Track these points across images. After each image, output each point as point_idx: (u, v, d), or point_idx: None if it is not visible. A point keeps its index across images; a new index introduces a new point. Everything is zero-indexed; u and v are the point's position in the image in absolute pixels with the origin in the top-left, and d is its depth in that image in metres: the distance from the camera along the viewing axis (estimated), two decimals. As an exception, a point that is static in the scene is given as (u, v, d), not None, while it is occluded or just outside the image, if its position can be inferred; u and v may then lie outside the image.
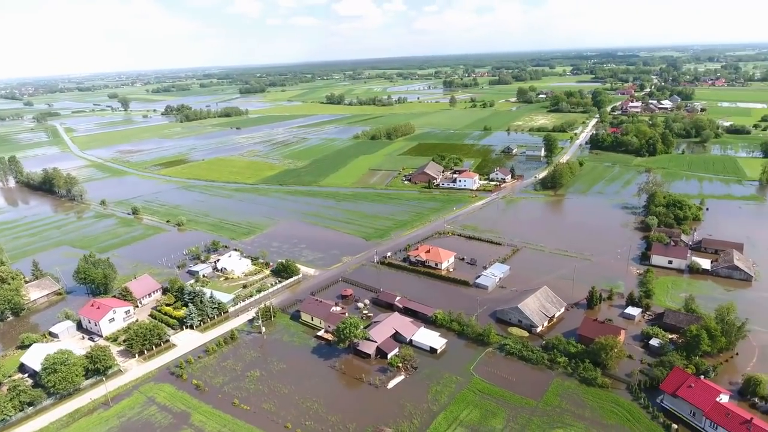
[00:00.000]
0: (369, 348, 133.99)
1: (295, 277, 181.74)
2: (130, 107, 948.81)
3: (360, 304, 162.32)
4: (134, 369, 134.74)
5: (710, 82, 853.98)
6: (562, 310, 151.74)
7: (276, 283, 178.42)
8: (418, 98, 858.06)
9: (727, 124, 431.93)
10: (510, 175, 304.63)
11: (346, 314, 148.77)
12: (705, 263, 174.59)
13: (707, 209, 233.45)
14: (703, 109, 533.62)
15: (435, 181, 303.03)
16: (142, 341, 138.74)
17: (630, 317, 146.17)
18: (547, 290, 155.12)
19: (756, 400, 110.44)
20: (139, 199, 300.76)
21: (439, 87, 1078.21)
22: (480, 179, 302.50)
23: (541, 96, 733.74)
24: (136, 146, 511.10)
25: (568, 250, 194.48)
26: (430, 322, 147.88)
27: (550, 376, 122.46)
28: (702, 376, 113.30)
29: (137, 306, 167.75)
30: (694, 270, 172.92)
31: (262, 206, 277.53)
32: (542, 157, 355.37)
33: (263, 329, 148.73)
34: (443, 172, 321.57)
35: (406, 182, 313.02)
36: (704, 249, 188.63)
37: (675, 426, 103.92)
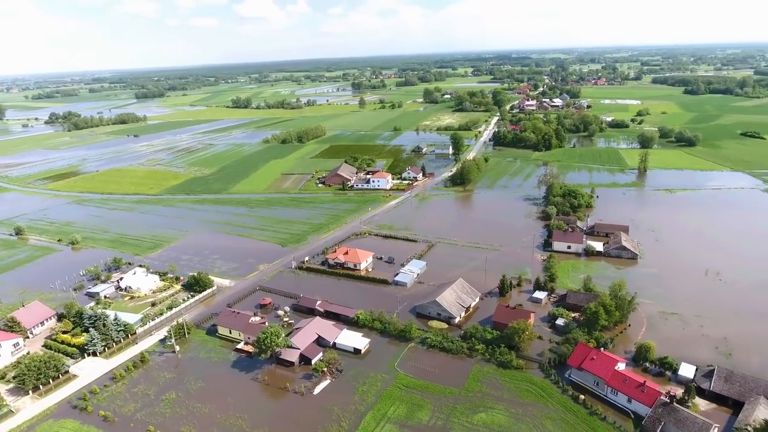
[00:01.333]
0: (292, 356, 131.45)
1: (209, 290, 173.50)
2: (6, 116, 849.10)
3: (280, 312, 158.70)
4: (28, 408, 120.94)
5: (593, 81, 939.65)
6: (477, 299, 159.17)
7: (188, 297, 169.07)
8: (328, 100, 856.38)
9: (609, 119, 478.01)
10: (421, 174, 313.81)
11: (266, 323, 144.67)
12: (598, 246, 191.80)
13: (597, 197, 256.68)
14: (589, 106, 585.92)
15: (349, 182, 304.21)
16: (36, 375, 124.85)
17: (538, 301, 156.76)
18: (462, 282, 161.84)
19: (647, 364, 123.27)
20: (23, 218, 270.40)
21: (348, 89, 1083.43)
22: (393, 179, 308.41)
23: (446, 96, 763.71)
24: (17, 159, 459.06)
25: (479, 242, 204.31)
26: (353, 324, 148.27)
27: (470, 363, 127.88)
28: (602, 348, 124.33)
29: (27, 337, 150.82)
30: (589, 253, 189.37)
31: (168, 218, 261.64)
32: (450, 155, 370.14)
33: (177, 348, 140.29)
34: (357, 173, 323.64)
35: (320, 185, 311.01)
36: (597, 233, 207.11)
37: (582, 396, 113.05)
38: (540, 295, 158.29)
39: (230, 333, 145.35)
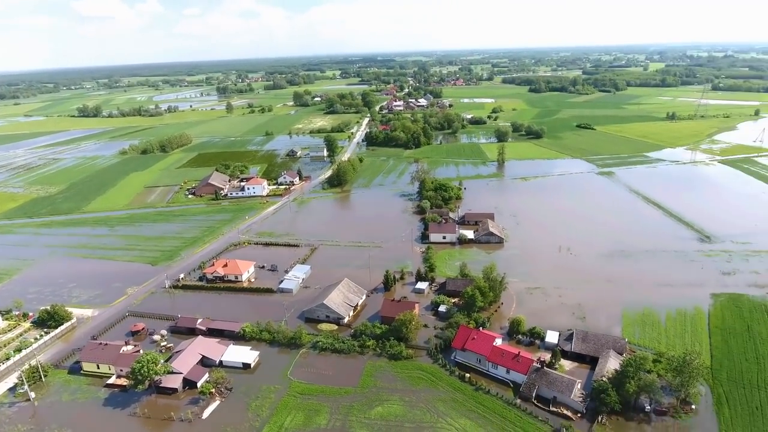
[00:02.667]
0: (174, 382, 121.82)
1: (68, 324, 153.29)
2: None
3: (156, 337, 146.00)
4: None
5: (452, 82, 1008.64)
6: (364, 297, 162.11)
7: (42, 335, 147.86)
8: (192, 106, 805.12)
9: (469, 116, 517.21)
10: (298, 178, 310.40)
11: (141, 351, 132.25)
12: (470, 234, 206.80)
13: (465, 188, 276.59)
14: (450, 105, 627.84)
15: (222, 191, 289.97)
16: None
17: (420, 291, 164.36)
18: (348, 282, 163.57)
19: (520, 336, 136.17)
20: None
21: (213, 94, 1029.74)
22: (269, 184, 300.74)
23: (316, 99, 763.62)
24: None
25: (361, 241, 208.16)
26: (240, 338, 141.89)
27: (362, 360, 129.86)
28: (481, 328, 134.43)
29: None
30: (462, 241, 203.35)
31: (6, 247, 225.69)
32: (325, 157, 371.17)
33: (32, 395, 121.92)
34: (230, 181, 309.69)
35: (190, 196, 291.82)
36: (467, 222, 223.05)
37: (467, 375, 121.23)
38: (422, 285, 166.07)
39: (98, 368, 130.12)
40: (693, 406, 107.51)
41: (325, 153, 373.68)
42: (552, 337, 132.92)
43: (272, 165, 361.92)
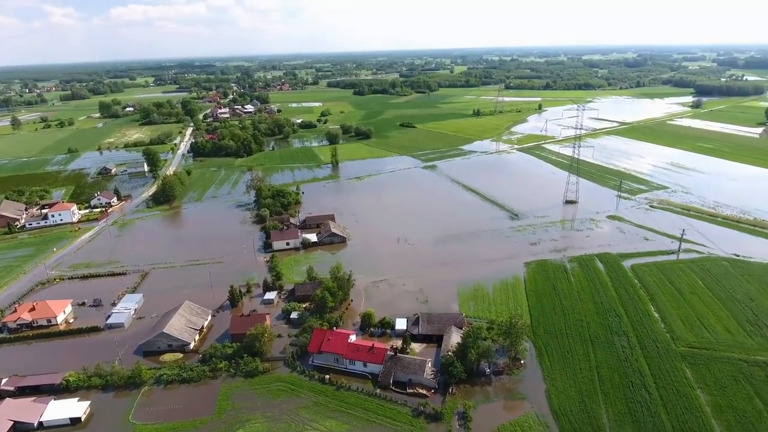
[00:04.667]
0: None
1: None
2: None
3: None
4: None
5: (278, 87, 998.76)
6: (210, 317, 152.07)
7: None
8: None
9: (299, 121, 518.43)
10: (115, 198, 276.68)
11: None
12: (313, 237, 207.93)
13: (303, 192, 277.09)
14: (279, 110, 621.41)
15: (17, 222, 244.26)
16: None
17: (270, 302, 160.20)
18: (189, 304, 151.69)
19: (372, 329, 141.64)
20: None
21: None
22: (79, 209, 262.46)
23: (128, 109, 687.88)
24: None
25: (199, 258, 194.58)
26: (63, 390, 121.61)
27: (215, 385, 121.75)
28: (334, 327, 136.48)
29: None
30: (306, 245, 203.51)
31: None
32: (147, 172, 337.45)
33: None
34: (26, 210, 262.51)
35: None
36: (309, 225, 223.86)
37: (327, 376, 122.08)
38: (271, 295, 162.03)
39: None
40: (522, 361, 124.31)
41: (146, 168, 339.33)
42: (401, 324, 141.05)
43: (81, 186, 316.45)
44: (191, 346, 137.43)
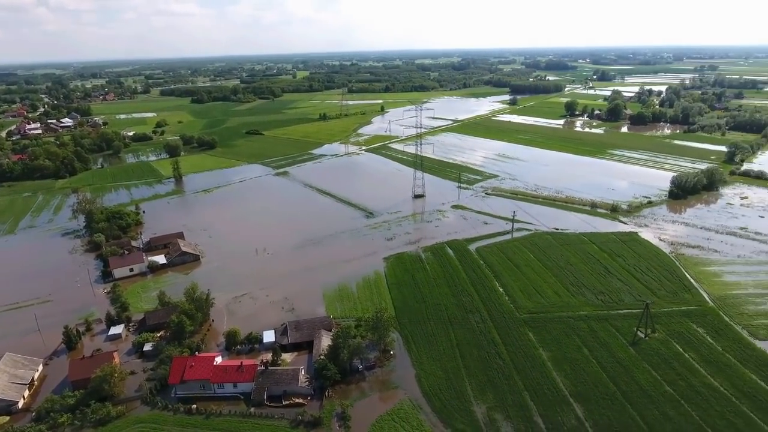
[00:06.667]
0: None
1: None
2: None
3: None
4: None
5: (102, 97, 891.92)
6: (41, 367, 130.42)
7: None
8: None
9: (131, 133, 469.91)
10: None
11: None
12: (161, 259, 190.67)
13: (144, 212, 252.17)
14: (105, 123, 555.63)
15: None
16: None
17: (117, 337, 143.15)
18: (11, 356, 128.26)
19: (238, 347, 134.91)
20: None
21: None
22: None
23: None
24: None
25: (19, 300, 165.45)
26: None
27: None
28: (197, 352, 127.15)
29: None
30: (154, 268, 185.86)
31: None
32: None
33: None
34: None
35: None
36: (155, 247, 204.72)
37: (194, 405, 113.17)
38: (117, 329, 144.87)
39: None
40: (392, 352, 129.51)
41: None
42: (269, 336, 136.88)
43: None
44: (20, 404, 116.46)
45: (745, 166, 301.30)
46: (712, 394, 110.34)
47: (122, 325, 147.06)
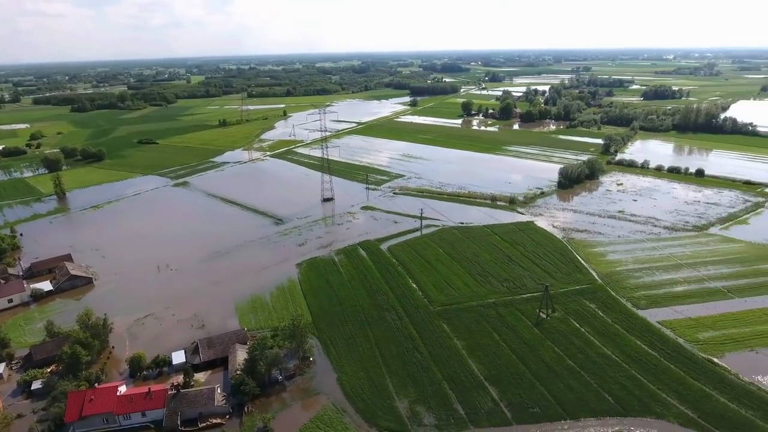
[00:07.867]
0: None
1: None
2: None
3: None
4: None
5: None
6: None
7: None
8: None
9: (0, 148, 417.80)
10: None
11: None
12: (46, 285, 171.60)
13: (21, 235, 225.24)
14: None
15: None
16: None
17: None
18: None
19: (145, 372, 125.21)
20: None
21: None
22: None
23: None
24: None
25: None
26: None
27: None
28: (96, 384, 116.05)
29: None
30: (38, 296, 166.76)
31: None
32: None
33: None
34: None
35: None
36: (38, 273, 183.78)
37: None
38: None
39: None
40: (311, 359, 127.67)
41: None
42: (179, 357, 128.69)
43: None
44: None
45: (619, 156, 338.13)
46: (606, 362, 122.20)
47: (3, 364, 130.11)
